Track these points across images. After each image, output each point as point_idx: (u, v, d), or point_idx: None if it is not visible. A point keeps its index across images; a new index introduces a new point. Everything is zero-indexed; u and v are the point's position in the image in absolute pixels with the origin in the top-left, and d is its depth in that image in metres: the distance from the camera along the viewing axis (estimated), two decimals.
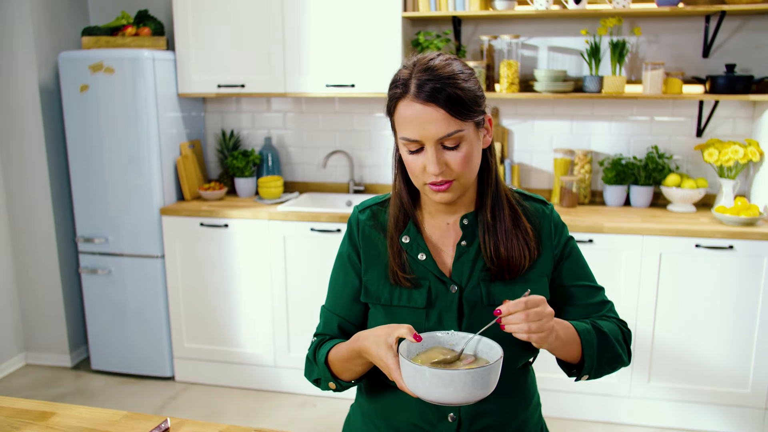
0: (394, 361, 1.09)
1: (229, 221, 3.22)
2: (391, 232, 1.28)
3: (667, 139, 3.30)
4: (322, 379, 1.29)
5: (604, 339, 1.23)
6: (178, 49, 3.37)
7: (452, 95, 1.13)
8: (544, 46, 3.33)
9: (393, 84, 1.19)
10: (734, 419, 2.93)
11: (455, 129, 1.14)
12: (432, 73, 1.14)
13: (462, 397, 1.01)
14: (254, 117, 3.73)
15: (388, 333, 1.12)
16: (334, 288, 1.35)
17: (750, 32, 3.12)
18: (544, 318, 1.08)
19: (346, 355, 1.22)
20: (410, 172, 1.20)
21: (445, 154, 1.16)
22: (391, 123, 1.23)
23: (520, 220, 1.26)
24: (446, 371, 1.00)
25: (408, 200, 1.29)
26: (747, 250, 2.77)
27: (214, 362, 3.39)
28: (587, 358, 1.20)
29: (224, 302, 3.32)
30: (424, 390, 1.02)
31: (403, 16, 3.13)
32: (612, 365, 1.25)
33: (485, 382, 1.02)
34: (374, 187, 3.64)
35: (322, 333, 1.35)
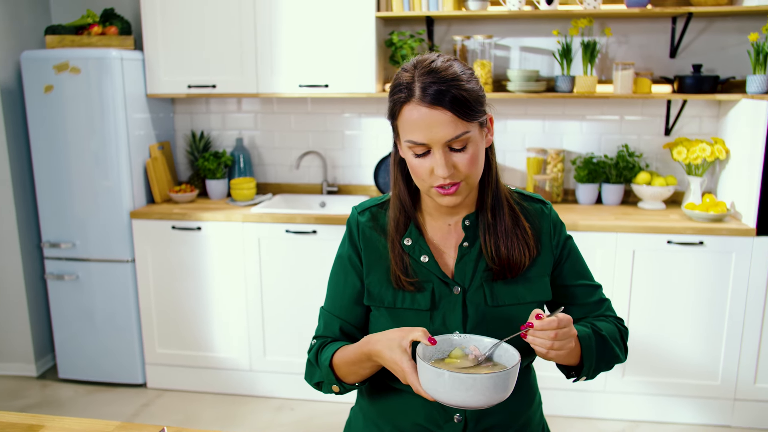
0: (409, 365, 1.08)
1: (202, 224, 3.16)
2: (392, 235, 1.26)
3: (637, 137, 3.36)
4: (325, 382, 1.27)
5: (603, 342, 1.24)
6: (147, 48, 3.29)
7: (458, 97, 1.12)
8: (516, 47, 3.36)
9: (395, 88, 1.18)
10: (705, 411, 3.00)
11: (462, 131, 1.14)
12: (436, 75, 1.13)
13: (482, 401, 1.01)
14: (224, 118, 3.68)
15: (401, 336, 1.11)
16: (335, 290, 1.33)
17: (714, 33, 3.20)
18: (568, 338, 1.09)
19: (354, 358, 1.20)
20: (416, 176, 1.19)
21: (453, 156, 1.16)
22: (394, 127, 1.21)
23: (519, 220, 1.26)
24: (468, 375, 1.00)
25: (409, 202, 1.28)
26: (716, 245, 2.84)
27: (188, 367, 3.33)
28: (586, 362, 1.21)
29: (197, 306, 3.26)
30: (445, 394, 1.01)
31: (377, 16, 3.12)
32: (609, 364, 1.28)
33: (505, 386, 1.02)
34: (348, 187, 3.62)
35: (322, 335, 1.33)
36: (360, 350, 1.19)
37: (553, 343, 1.07)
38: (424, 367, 1.03)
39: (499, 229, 1.24)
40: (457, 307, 1.23)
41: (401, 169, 1.27)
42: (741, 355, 2.91)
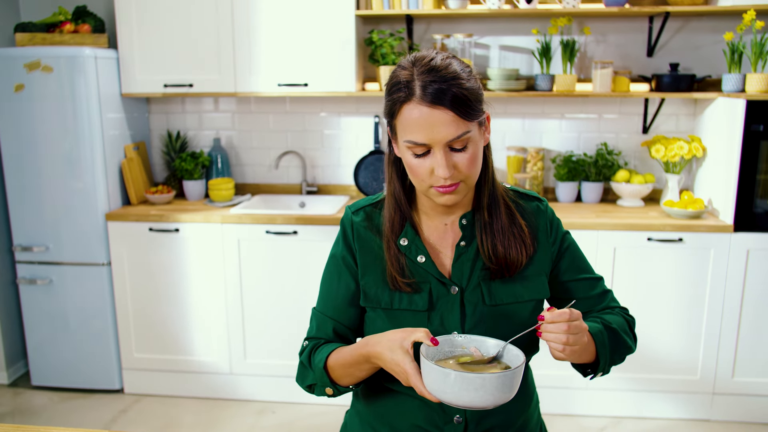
0: (412, 366, 1.06)
1: (180, 225, 3.11)
2: (388, 235, 1.24)
3: (615, 136, 3.39)
4: (318, 384, 1.25)
5: (615, 336, 1.23)
6: (122, 47, 3.22)
7: (459, 96, 1.10)
8: (496, 45, 3.37)
9: (394, 86, 1.14)
10: (685, 405, 3.03)
11: (463, 131, 1.12)
12: (436, 73, 1.11)
13: (490, 401, 0.99)
14: (201, 117, 3.62)
15: (403, 337, 1.09)
16: (328, 290, 1.30)
17: (690, 33, 3.24)
18: (581, 332, 1.07)
19: (351, 360, 1.18)
20: (414, 176, 1.17)
21: (453, 156, 1.13)
22: (391, 126, 1.19)
23: (516, 218, 1.25)
24: (477, 375, 0.98)
25: (405, 201, 1.26)
26: (695, 242, 2.87)
27: (167, 372, 3.27)
28: (602, 358, 1.19)
29: (176, 309, 3.20)
30: (453, 395, 0.99)
31: (357, 14, 3.10)
32: (622, 357, 1.26)
33: (512, 385, 1.01)
34: (327, 187, 3.59)
35: (315, 337, 1.30)
36: (358, 352, 1.16)
37: (567, 337, 1.05)
38: (430, 367, 1.01)
39: (496, 228, 1.22)
40: (455, 307, 1.21)
41: (396, 167, 1.25)
42: (719, 349, 2.95)
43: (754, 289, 2.89)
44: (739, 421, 3.01)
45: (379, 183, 3.50)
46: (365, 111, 3.51)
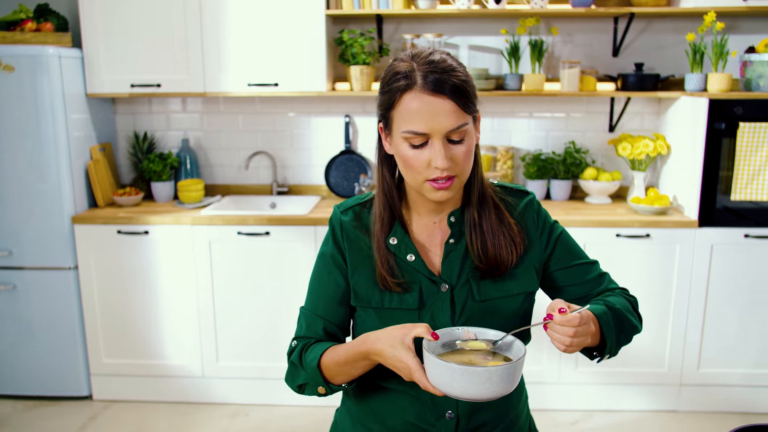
0: (415, 362, 1.07)
1: (150, 228, 3.05)
2: (377, 234, 1.24)
3: (582, 134, 3.45)
4: (310, 384, 1.24)
5: (619, 317, 1.22)
6: (86, 46, 3.16)
7: (459, 86, 1.12)
8: (465, 45, 3.39)
9: (392, 77, 1.15)
10: (653, 397, 3.11)
11: (462, 122, 1.13)
12: (436, 65, 1.13)
13: (497, 392, 1.01)
14: (168, 118, 3.56)
15: (404, 333, 1.09)
16: (317, 289, 1.30)
17: (654, 33, 3.32)
18: (586, 335, 1.09)
19: (347, 358, 1.18)
20: (410, 168, 1.16)
21: (451, 148, 1.14)
22: (387, 118, 1.18)
23: (504, 217, 1.25)
24: (485, 369, 0.99)
25: (396, 199, 1.26)
26: (661, 237, 2.94)
27: (137, 377, 3.21)
28: (608, 340, 1.18)
29: (146, 313, 3.15)
30: (460, 389, 1.01)
31: (327, 14, 3.09)
32: (628, 337, 1.25)
33: (516, 375, 1.03)
34: (298, 188, 3.57)
35: (305, 336, 1.29)
36: (356, 350, 1.16)
37: (572, 341, 1.07)
38: (435, 363, 1.02)
39: (486, 228, 1.23)
40: (446, 304, 1.22)
41: (387, 165, 1.25)
42: (686, 342, 3.03)
43: (718, 283, 2.97)
44: (704, 411, 3.10)
45: (349, 183, 3.50)
46: (336, 111, 3.50)
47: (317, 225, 3.00)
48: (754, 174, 2.84)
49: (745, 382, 3.06)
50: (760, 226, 2.92)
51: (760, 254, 2.93)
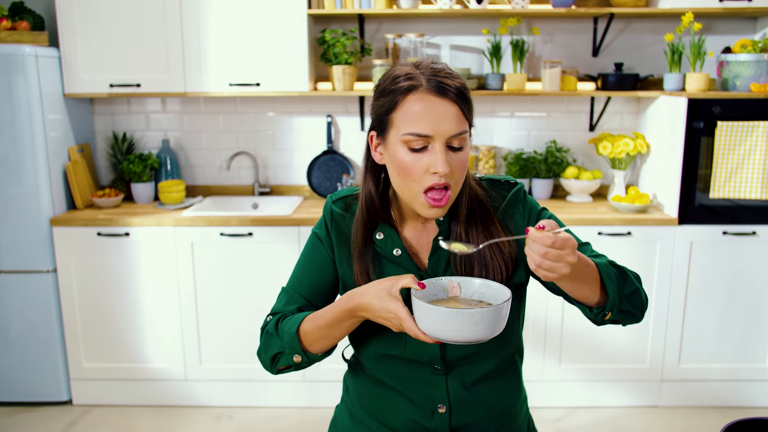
0: (405, 311, 1.08)
1: (131, 229, 3.01)
2: (357, 243, 1.23)
3: (563, 134, 3.48)
4: (286, 352, 1.22)
5: (621, 273, 1.17)
6: (64, 45, 3.10)
7: (462, 91, 1.13)
8: (447, 45, 3.40)
9: (395, 79, 1.14)
10: (635, 393, 3.14)
11: (464, 128, 1.13)
12: (440, 71, 1.13)
13: (489, 333, 1.06)
14: (148, 118, 3.52)
15: (390, 285, 1.10)
16: (303, 268, 1.30)
17: (632, 34, 3.36)
18: (561, 263, 1.01)
19: (332, 319, 1.17)
20: (407, 176, 1.14)
21: (450, 155, 1.13)
22: (384, 122, 1.16)
23: (498, 235, 1.22)
24: (476, 310, 1.03)
25: (379, 207, 1.24)
26: (642, 235, 2.98)
27: (118, 381, 3.17)
28: (610, 292, 1.13)
29: (127, 316, 3.10)
30: (453, 332, 1.04)
31: (309, 13, 3.08)
32: (632, 303, 1.17)
33: (503, 317, 1.07)
34: (280, 188, 3.55)
35: (281, 312, 1.28)
36: (342, 308, 1.15)
37: (542, 261, 1.01)
38: (426, 309, 1.04)
39: (476, 257, 1.21)
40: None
41: (373, 175, 1.24)
42: (666, 338, 3.07)
43: (697, 280, 3.01)
44: (685, 406, 3.14)
45: (332, 183, 3.49)
46: (317, 111, 3.49)
47: (301, 225, 2.99)
48: (731, 172, 2.89)
49: (724, 377, 3.11)
50: (737, 223, 2.97)
51: (738, 251, 2.99)
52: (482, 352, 1.23)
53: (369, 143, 1.23)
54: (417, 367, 1.22)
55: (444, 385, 1.23)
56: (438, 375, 1.23)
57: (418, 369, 1.22)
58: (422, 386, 1.23)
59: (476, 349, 1.22)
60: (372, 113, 1.20)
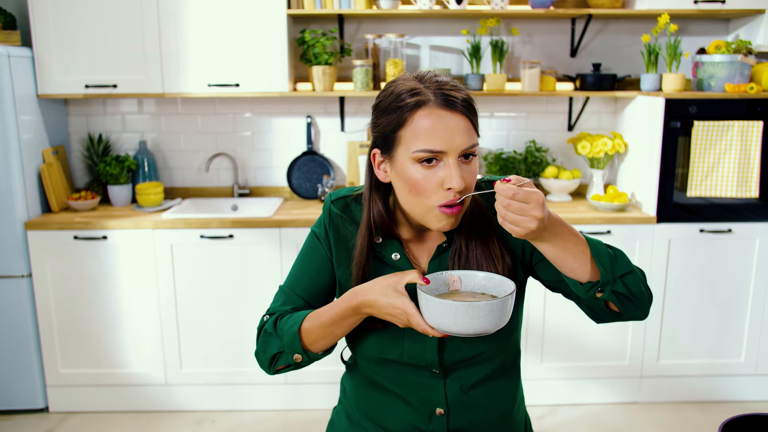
0: (411, 306, 1.08)
1: (108, 232, 2.96)
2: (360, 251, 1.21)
3: (542, 133, 3.50)
4: (286, 351, 1.21)
5: (614, 250, 1.14)
6: (37, 45, 3.04)
7: (470, 104, 1.12)
8: (427, 45, 3.41)
9: (398, 95, 1.11)
10: (615, 389, 3.18)
11: (475, 141, 1.12)
12: (445, 84, 1.11)
13: (495, 325, 1.06)
14: (124, 120, 3.47)
15: (396, 281, 1.10)
16: (301, 268, 1.29)
17: (609, 35, 3.40)
18: (526, 216, 1.00)
19: (335, 316, 1.16)
20: (419, 193, 1.11)
21: (463, 169, 1.11)
22: (391, 140, 1.13)
23: (494, 247, 1.21)
24: (486, 302, 1.04)
25: (389, 225, 1.22)
26: (622, 234, 3.01)
27: (97, 386, 3.11)
28: (601, 268, 1.09)
29: (105, 320, 3.05)
30: (463, 325, 1.04)
31: (288, 13, 3.05)
32: (629, 287, 1.12)
33: (509, 309, 1.08)
34: (260, 189, 3.52)
35: (279, 311, 1.27)
36: (346, 305, 1.14)
37: (506, 213, 1.01)
38: (435, 303, 1.05)
39: (471, 259, 1.21)
40: None
41: (378, 194, 1.21)
42: (646, 335, 3.11)
43: (675, 277, 3.06)
44: (664, 402, 3.19)
45: (312, 184, 3.47)
46: (297, 111, 3.46)
47: (282, 227, 2.97)
48: (708, 171, 2.94)
49: (702, 372, 3.16)
50: (713, 221, 3.02)
51: (715, 248, 3.04)
52: (482, 355, 1.22)
53: (371, 162, 1.20)
54: (415, 371, 1.22)
55: (442, 389, 1.23)
56: (436, 378, 1.23)
57: (415, 373, 1.22)
58: (420, 390, 1.23)
59: (475, 353, 1.22)
60: (375, 131, 1.16)
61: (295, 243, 2.97)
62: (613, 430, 2.97)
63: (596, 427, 3.00)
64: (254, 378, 3.10)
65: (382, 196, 1.22)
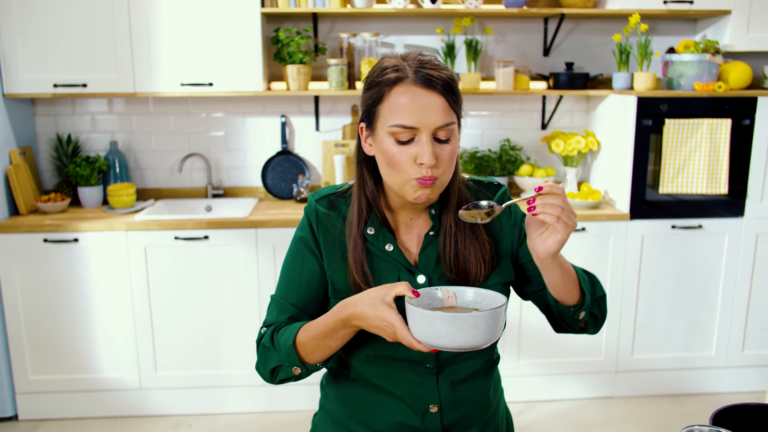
0: (398, 319, 1.06)
1: (80, 235, 2.90)
2: (355, 237, 1.21)
3: (516, 132, 3.53)
4: (285, 365, 1.20)
5: (588, 275, 1.26)
6: (2, 43, 2.96)
7: (449, 83, 1.13)
8: (401, 45, 3.41)
9: (382, 71, 1.14)
10: (591, 384, 3.22)
11: (451, 120, 1.13)
12: (427, 63, 1.14)
13: (483, 339, 1.03)
14: (94, 120, 3.40)
15: (384, 293, 1.08)
16: (290, 276, 1.27)
17: (581, 34, 3.44)
18: (566, 219, 1.07)
19: (326, 330, 1.15)
20: (393, 166, 1.14)
21: (437, 147, 1.13)
22: (372, 114, 1.16)
23: (480, 233, 1.24)
24: (471, 315, 1.01)
25: (376, 200, 1.24)
26: (596, 230, 3.05)
27: (68, 393, 3.04)
28: (587, 292, 1.20)
29: (77, 325, 2.98)
30: (448, 338, 1.01)
31: (262, 12, 3.03)
32: (600, 307, 1.26)
33: (500, 322, 1.05)
34: (234, 190, 3.49)
35: (275, 322, 1.26)
36: (335, 318, 1.13)
37: (563, 209, 1.06)
38: (421, 315, 1.02)
39: (459, 239, 1.22)
40: None
41: (367, 167, 1.24)
42: (620, 330, 3.16)
43: (648, 272, 3.11)
44: (638, 395, 3.24)
45: (287, 184, 3.45)
46: (271, 111, 3.44)
47: (258, 227, 2.94)
48: (679, 168, 3.00)
49: (675, 366, 3.22)
50: (684, 217, 3.08)
51: (686, 244, 3.10)
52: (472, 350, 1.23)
53: (359, 135, 1.22)
54: (409, 367, 1.22)
55: (435, 385, 1.23)
56: (429, 375, 1.23)
57: (409, 369, 1.21)
58: (413, 387, 1.23)
59: None
60: (361, 105, 1.20)
61: (271, 243, 2.94)
62: (589, 425, 3.01)
63: (572, 422, 3.03)
64: (231, 380, 3.06)
65: (371, 172, 1.24)
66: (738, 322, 3.20)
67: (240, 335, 3.02)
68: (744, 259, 3.13)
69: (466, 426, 1.27)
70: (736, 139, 3.02)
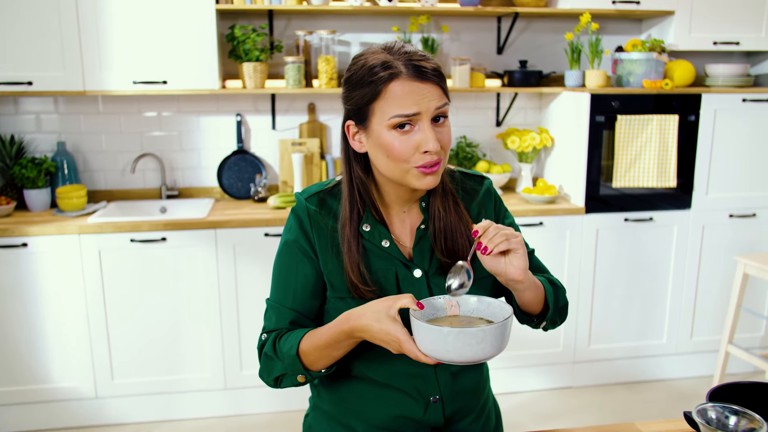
0: (404, 332, 1.06)
1: (29, 239, 2.78)
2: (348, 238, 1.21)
3: (472, 129, 3.58)
4: (289, 373, 1.20)
5: (556, 288, 1.31)
6: None
7: (440, 71, 1.17)
8: (357, 42, 3.40)
9: (372, 69, 1.14)
10: (551, 375, 3.30)
11: (445, 101, 1.17)
12: (414, 54, 1.15)
13: (491, 352, 1.02)
14: (39, 119, 3.26)
15: (389, 306, 1.08)
16: (285, 281, 1.25)
17: (534, 33, 3.52)
18: (513, 237, 1.12)
19: (329, 340, 1.14)
20: (396, 157, 1.15)
21: (437, 131, 1.16)
22: (365, 112, 1.17)
23: (462, 214, 1.27)
24: (479, 329, 1.00)
25: (369, 194, 1.24)
26: (553, 224, 3.12)
27: (18, 405, 2.91)
28: (551, 305, 1.25)
29: (27, 333, 2.86)
30: (455, 352, 1.00)
31: (217, 8, 2.97)
32: (561, 315, 1.33)
33: (507, 334, 1.04)
34: (189, 190, 3.41)
35: (275, 329, 1.25)
36: (338, 329, 1.13)
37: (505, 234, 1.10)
38: (427, 330, 1.01)
39: (447, 221, 1.25)
40: (423, 291, 1.23)
41: (358, 163, 1.24)
42: (578, 321, 3.24)
43: (603, 264, 3.20)
44: (595, 384, 3.33)
45: (244, 183, 3.39)
46: (226, 110, 3.38)
47: (218, 228, 2.88)
48: (631, 162, 3.10)
49: (629, 355, 3.33)
50: (636, 210, 3.18)
51: (639, 236, 3.20)
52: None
53: (345, 133, 1.22)
54: (408, 360, 1.22)
55: (434, 377, 1.24)
56: (428, 367, 1.23)
57: (410, 362, 1.21)
58: (415, 380, 1.23)
59: None
60: (348, 104, 1.19)
61: (231, 244, 2.89)
62: (549, 415, 3.08)
63: (535, 414, 3.09)
64: (192, 385, 3.00)
65: (362, 166, 1.24)
66: (686, 310, 3.34)
67: (200, 338, 2.96)
68: (691, 249, 3.26)
69: (464, 415, 1.29)
70: (683, 134, 3.14)
